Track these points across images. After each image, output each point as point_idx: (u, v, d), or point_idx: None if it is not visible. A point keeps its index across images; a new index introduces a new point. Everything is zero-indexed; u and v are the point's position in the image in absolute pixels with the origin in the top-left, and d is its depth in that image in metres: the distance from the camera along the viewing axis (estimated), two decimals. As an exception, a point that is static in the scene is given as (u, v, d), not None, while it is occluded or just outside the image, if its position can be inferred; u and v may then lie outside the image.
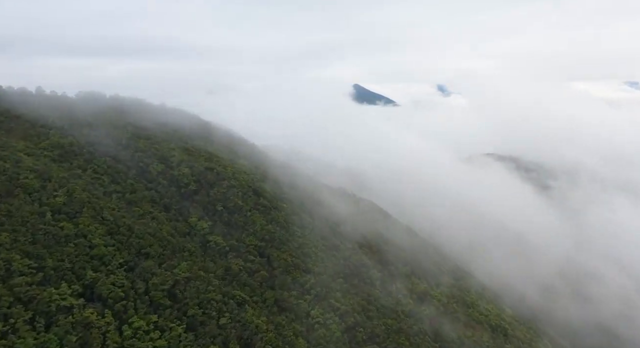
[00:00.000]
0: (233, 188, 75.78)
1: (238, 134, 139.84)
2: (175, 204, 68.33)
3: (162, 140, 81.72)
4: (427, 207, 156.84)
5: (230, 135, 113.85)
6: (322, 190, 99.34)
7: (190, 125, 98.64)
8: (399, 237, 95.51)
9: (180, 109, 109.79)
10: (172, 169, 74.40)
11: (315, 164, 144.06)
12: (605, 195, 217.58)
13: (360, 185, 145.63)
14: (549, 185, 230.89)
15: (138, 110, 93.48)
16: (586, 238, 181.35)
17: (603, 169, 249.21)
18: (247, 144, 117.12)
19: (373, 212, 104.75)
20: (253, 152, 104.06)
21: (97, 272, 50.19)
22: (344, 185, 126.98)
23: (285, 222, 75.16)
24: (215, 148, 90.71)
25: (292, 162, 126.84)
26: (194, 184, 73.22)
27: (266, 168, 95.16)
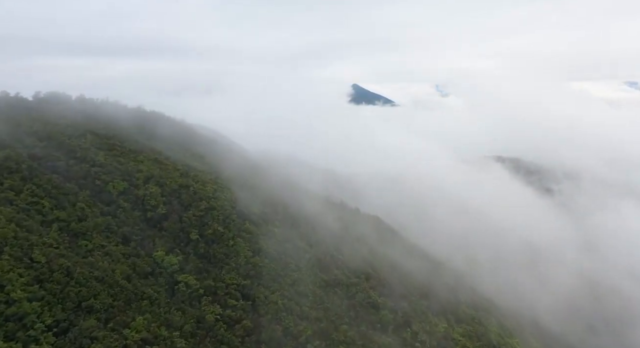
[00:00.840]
0: (213, 210, 61.35)
1: (229, 139, 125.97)
2: (137, 234, 53.91)
3: (129, 151, 67.31)
4: (428, 213, 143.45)
5: (218, 142, 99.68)
6: (321, 206, 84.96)
7: (170, 131, 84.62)
8: (410, 261, 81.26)
9: (160, 113, 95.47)
10: (137, 188, 59.95)
11: (311, 170, 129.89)
12: (612, 200, 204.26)
13: (359, 193, 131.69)
14: (551, 188, 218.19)
15: (107, 115, 79.30)
16: (598, 247, 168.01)
17: (606, 171, 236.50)
18: (237, 151, 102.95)
19: (379, 230, 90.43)
20: (243, 162, 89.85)
21: (11, 340, 35.99)
22: (344, 196, 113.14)
23: (276, 251, 60.76)
24: (196, 158, 76.41)
25: (287, 169, 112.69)
26: (164, 207, 58.77)
27: (257, 181, 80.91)
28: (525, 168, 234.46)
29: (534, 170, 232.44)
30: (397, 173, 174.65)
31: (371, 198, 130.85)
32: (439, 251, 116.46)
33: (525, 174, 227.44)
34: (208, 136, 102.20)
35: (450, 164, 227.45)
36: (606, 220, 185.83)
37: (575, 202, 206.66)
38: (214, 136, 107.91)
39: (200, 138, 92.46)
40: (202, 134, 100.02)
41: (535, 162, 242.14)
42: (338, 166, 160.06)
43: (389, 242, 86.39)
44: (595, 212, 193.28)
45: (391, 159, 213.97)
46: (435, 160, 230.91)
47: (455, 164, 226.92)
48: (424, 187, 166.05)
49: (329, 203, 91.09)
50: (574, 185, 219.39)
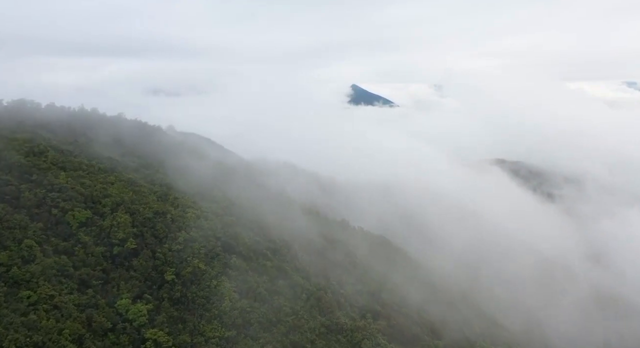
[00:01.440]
0: (194, 243, 51.50)
1: (221, 147, 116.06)
2: (98, 276, 44.04)
3: (98, 171, 57.42)
4: (427, 223, 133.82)
5: (207, 154, 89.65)
6: (320, 226, 75.20)
7: (153, 144, 74.70)
8: (417, 290, 71.58)
9: (144, 122, 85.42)
10: (103, 217, 50.09)
11: (308, 179, 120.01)
12: (616, 207, 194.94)
13: (356, 203, 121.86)
14: (554, 193, 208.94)
15: (81, 126, 69.45)
16: (607, 258, 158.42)
17: (608, 175, 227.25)
18: (229, 163, 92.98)
19: (385, 253, 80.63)
20: (234, 176, 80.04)
21: None
22: (341, 207, 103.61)
23: (268, 291, 50.92)
24: (180, 176, 66.44)
25: (281, 180, 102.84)
26: (134, 240, 48.88)
27: (249, 200, 71.10)
28: (526, 172, 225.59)
29: (535, 174, 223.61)
30: (395, 180, 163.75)
31: (368, 208, 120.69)
32: (443, 267, 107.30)
33: (526, 178, 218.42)
34: (197, 147, 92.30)
35: (450, 168, 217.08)
36: (613, 228, 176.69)
37: (578, 208, 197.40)
38: (203, 146, 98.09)
39: (188, 150, 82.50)
40: (190, 144, 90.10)
41: (536, 165, 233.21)
42: (335, 173, 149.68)
43: (395, 266, 76.73)
44: (601, 220, 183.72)
45: (389, 164, 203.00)
46: (434, 164, 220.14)
47: (455, 169, 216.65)
48: (424, 195, 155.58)
49: (329, 223, 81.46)
50: (576, 191, 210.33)
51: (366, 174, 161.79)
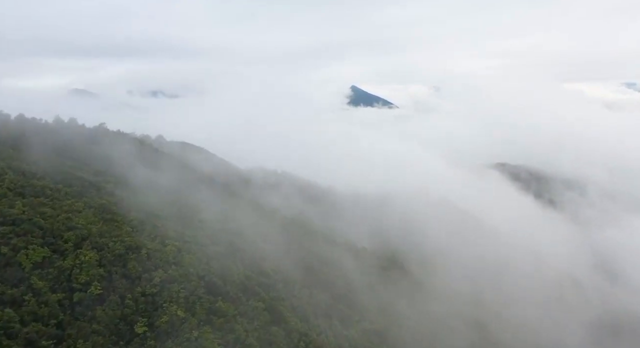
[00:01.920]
0: (172, 283, 43.47)
1: (213, 156, 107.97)
2: (51, 334, 35.95)
3: (64, 196, 49.34)
4: (428, 236, 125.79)
5: (196, 169, 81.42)
6: (323, 250, 67.21)
7: (132, 162, 66.30)
8: (432, 324, 63.80)
9: (130, 134, 77.22)
10: (64, 256, 42.04)
11: (307, 191, 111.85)
12: (620, 213, 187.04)
13: (353, 212, 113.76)
14: (556, 200, 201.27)
15: (53, 141, 61.32)
16: (617, 270, 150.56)
17: (609, 180, 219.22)
18: (221, 178, 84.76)
19: (394, 277, 72.54)
20: (226, 193, 72.02)
21: None
22: (344, 224, 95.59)
23: (260, 342, 42.91)
24: (161, 199, 58.28)
25: (280, 195, 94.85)
26: (100, 284, 40.79)
27: (240, 223, 63.05)
28: (527, 176, 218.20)
29: (536, 179, 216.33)
30: (394, 188, 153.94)
31: (368, 220, 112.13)
32: (448, 283, 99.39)
33: (527, 182, 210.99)
34: (188, 160, 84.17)
35: (450, 174, 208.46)
36: (619, 237, 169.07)
37: (582, 215, 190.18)
38: (195, 158, 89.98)
39: (177, 164, 74.34)
40: (180, 157, 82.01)
41: (537, 169, 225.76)
42: (334, 181, 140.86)
43: (402, 294, 68.86)
44: (606, 228, 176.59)
45: (387, 170, 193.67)
46: (434, 170, 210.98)
47: (455, 174, 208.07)
48: (424, 203, 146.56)
49: (331, 244, 73.40)
50: (578, 196, 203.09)
51: (364, 182, 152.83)
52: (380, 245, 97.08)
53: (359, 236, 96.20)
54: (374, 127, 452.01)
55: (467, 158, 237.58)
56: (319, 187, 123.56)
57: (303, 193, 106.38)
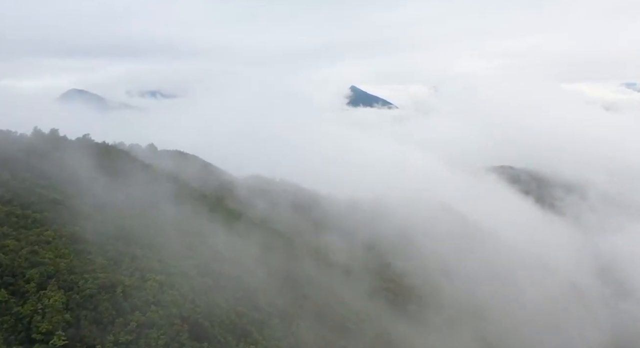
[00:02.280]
0: (151, 328, 37.57)
1: (207, 166, 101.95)
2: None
3: (31, 223, 43.38)
4: (427, 246, 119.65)
5: (189, 184, 75.45)
6: (326, 276, 61.29)
7: (115, 179, 60.11)
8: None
9: (112, 146, 70.99)
10: (24, 299, 35.99)
11: (300, 194, 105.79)
12: (622, 219, 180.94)
13: (350, 221, 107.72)
14: (557, 204, 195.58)
15: (24, 157, 55.28)
16: (626, 281, 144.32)
17: (610, 184, 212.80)
18: (213, 195, 78.76)
19: (401, 303, 66.67)
20: (218, 211, 66.00)
21: None
22: (345, 239, 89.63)
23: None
24: (144, 223, 52.31)
25: (278, 209, 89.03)
26: (64, 334, 34.58)
27: (234, 246, 57.15)
28: (528, 179, 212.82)
29: (537, 183, 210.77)
30: (392, 193, 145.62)
31: (363, 228, 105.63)
32: (458, 299, 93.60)
33: (528, 186, 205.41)
34: (179, 174, 77.99)
35: (449, 177, 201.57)
36: (623, 243, 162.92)
37: (584, 220, 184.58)
38: (187, 170, 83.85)
39: (167, 179, 68.29)
40: (171, 170, 75.89)
41: (537, 172, 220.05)
42: (333, 187, 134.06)
43: (409, 326, 63.13)
44: (609, 234, 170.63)
45: (386, 174, 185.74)
46: (432, 173, 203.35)
47: (455, 178, 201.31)
48: (422, 209, 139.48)
49: (327, 265, 67.57)
50: (580, 200, 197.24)
51: (362, 188, 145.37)
52: (377, 258, 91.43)
53: (356, 247, 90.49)
54: (373, 127, 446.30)
55: (466, 160, 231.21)
56: (316, 194, 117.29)
57: (299, 204, 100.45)
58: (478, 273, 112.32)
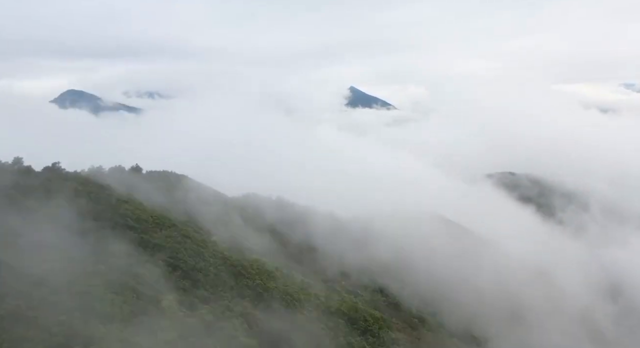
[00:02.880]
0: None
1: (199, 188, 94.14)
2: None
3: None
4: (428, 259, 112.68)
5: (172, 208, 68.41)
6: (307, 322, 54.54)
7: (78, 221, 52.82)
8: None
9: (79, 175, 63.81)
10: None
11: (294, 213, 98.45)
12: (625, 230, 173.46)
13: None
14: (560, 216, 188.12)
15: None
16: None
17: (611, 192, 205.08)
18: (199, 218, 71.96)
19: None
20: (205, 254, 58.92)
21: None
22: (334, 263, 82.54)
23: None
24: (115, 279, 45.36)
25: (266, 231, 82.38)
26: None
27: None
28: (527, 186, 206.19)
29: (538, 190, 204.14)
30: (389, 206, 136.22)
31: (355, 248, 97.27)
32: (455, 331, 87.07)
33: (528, 194, 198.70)
34: (161, 200, 70.82)
35: (446, 185, 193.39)
36: (628, 257, 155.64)
37: (589, 232, 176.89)
38: (173, 195, 76.67)
39: (142, 217, 60.65)
40: (151, 199, 68.67)
41: (538, 179, 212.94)
42: (327, 201, 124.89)
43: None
44: (613, 246, 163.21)
45: (383, 184, 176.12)
46: (429, 182, 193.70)
47: (452, 186, 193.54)
48: (420, 223, 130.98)
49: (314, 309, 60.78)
50: (582, 211, 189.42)
51: (356, 201, 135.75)
52: (370, 287, 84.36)
53: (346, 272, 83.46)
54: (371, 130, 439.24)
55: (464, 165, 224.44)
56: (314, 212, 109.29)
57: (291, 224, 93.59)
58: (482, 296, 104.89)
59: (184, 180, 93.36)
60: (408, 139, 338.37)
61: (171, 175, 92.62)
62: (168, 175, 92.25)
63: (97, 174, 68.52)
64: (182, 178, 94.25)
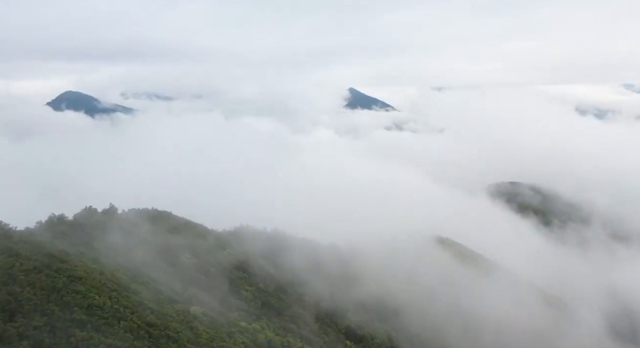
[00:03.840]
0: None
1: (178, 227, 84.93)
2: None
3: None
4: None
5: (136, 267, 60.34)
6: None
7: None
8: None
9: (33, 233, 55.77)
10: None
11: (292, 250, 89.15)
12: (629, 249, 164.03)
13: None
14: (556, 227, 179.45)
15: None
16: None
17: (612, 206, 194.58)
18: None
19: None
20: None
21: None
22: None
23: None
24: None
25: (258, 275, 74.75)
26: None
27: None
28: (529, 197, 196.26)
29: (539, 202, 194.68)
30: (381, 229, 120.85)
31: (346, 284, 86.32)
32: None
33: (529, 205, 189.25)
34: (136, 252, 62.58)
35: (444, 199, 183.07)
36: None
37: (592, 251, 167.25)
38: (148, 242, 67.94)
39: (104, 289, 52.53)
40: (118, 254, 60.50)
41: (539, 191, 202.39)
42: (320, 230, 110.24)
43: None
44: (620, 265, 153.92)
45: (375, 202, 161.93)
46: (426, 197, 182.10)
47: (450, 200, 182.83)
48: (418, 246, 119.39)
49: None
50: (582, 226, 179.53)
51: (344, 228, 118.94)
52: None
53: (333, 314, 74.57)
54: (368, 134, 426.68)
55: (461, 175, 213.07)
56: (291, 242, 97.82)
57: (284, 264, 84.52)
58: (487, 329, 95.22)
59: (163, 219, 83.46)
60: (406, 146, 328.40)
61: (151, 213, 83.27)
62: (148, 213, 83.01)
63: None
64: (163, 216, 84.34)
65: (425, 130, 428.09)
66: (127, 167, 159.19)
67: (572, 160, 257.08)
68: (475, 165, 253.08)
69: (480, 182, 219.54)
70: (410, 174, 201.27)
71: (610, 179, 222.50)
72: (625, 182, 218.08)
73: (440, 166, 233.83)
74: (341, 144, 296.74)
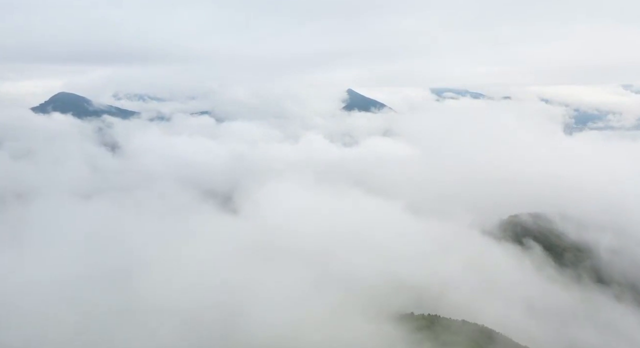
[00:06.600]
0: None
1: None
2: None
3: None
4: None
5: None
6: None
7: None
8: None
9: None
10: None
11: None
12: None
13: None
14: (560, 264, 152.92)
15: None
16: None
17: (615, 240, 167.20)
18: None
19: None
20: None
21: None
22: None
23: None
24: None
25: None
26: None
27: None
28: (534, 235, 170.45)
29: (544, 238, 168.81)
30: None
31: None
32: None
33: (531, 242, 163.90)
34: None
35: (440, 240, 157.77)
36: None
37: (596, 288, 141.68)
38: None
39: None
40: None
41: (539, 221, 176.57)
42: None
43: None
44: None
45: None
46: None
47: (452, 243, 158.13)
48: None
49: None
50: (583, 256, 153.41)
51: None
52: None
53: None
54: (366, 134, 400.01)
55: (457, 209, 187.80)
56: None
57: None
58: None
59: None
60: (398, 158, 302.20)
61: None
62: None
63: None
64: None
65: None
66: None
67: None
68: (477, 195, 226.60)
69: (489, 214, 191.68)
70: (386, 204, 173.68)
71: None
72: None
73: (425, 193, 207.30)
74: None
